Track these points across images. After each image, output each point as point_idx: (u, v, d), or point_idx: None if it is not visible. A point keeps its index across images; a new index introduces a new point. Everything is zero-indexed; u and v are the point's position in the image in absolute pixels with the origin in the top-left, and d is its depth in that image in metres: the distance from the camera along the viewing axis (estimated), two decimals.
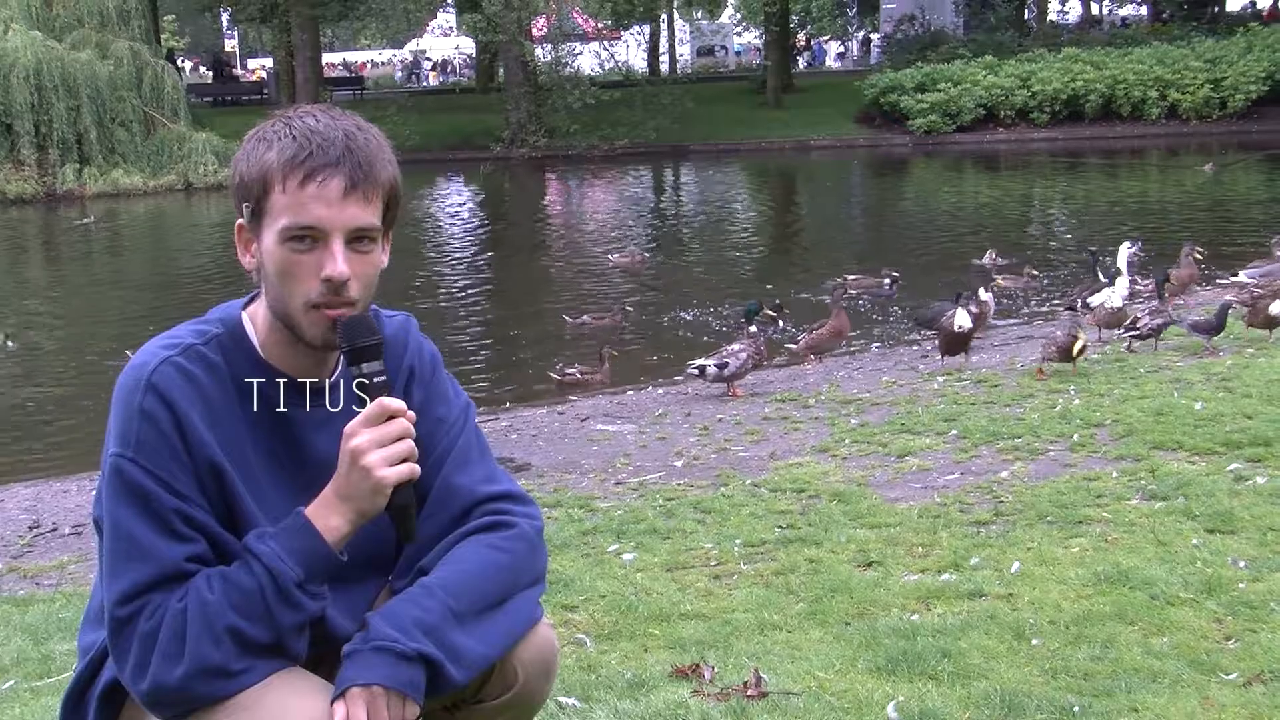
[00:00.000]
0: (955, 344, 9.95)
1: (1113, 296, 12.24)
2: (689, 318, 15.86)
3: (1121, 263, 12.86)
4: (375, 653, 2.38)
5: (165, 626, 2.36)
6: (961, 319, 9.47)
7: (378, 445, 2.43)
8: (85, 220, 28.96)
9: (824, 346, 12.59)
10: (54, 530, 7.94)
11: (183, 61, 64.57)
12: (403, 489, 2.47)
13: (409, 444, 2.46)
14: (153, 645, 2.36)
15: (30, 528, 8.06)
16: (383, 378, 2.50)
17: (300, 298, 2.44)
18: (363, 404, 2.49)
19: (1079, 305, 13.03)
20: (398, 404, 2.46)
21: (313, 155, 2.42)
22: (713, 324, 15.26)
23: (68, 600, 6.05)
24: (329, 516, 2.46)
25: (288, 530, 2.45)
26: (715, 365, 10.78)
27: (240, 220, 2.52)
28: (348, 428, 2.46)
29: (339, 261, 2.42)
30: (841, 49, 73.38)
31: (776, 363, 12.80)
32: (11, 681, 4.94)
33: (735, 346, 11.01)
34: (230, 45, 78.30)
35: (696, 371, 10.96)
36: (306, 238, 2.42)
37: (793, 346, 12.74)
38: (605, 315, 15.67)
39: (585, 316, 15.71)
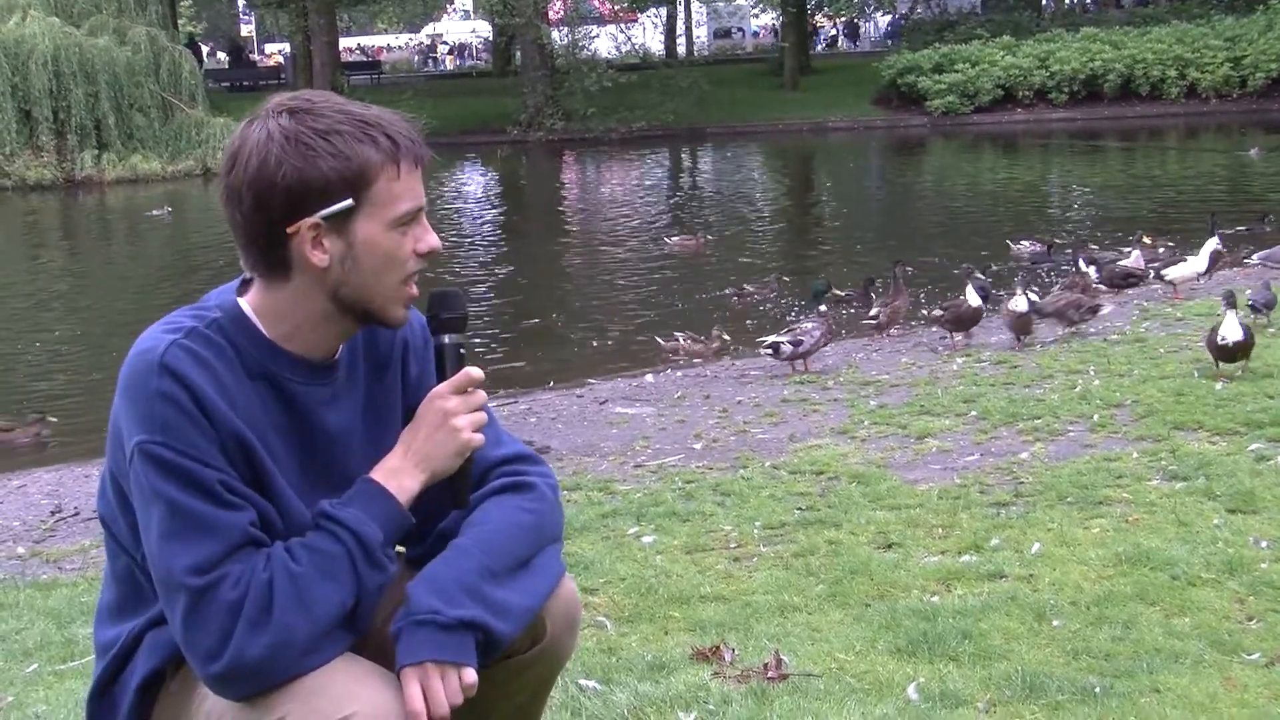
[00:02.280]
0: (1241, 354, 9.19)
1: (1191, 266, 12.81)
2: (735, 299, 15.85)
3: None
4: (418, 627, 2.41)
5: (251, 596, 2.34)
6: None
7: (468, 409, 2.56)
8: (159, 211, 28.14)
9: (899, 319, 12.90)
10: (75, 514, 7.98)
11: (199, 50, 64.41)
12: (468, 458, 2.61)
13: (485, 415, 2.59)
14: (238, 614, 2.33)
15: (52, 512, 8.10)
16: (463, 351, 2.63)
17: (399, 275, 2.52)
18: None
19: (1153, 277, 13.33)
20: (479, 375, 2.58)
21: (414, 141, 2.53)
22: (764, 306, 15.23)
23: (90, 585, 6.08)
24: (401, 478, 2.53)
25: (362, 495, 2.50)
26: (789, 343, 10.80)
27: (310, 220, 2.46)
28: (435, 390, 2.57)
29: (433, 234, 2.56)
30: (833, 31, 72.81)
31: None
32: (35, 665, 4.97)
33: (809, 325, 11.05)
34: (246, 30, 78.33)
35: (770, 350, 10.96)
36: (409, 220, 2.52)
37: (871, 321, 12.82)
38: (766, 285, 15.71)
39: (747, 285, 15.74)
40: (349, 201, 2.46)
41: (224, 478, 2.41)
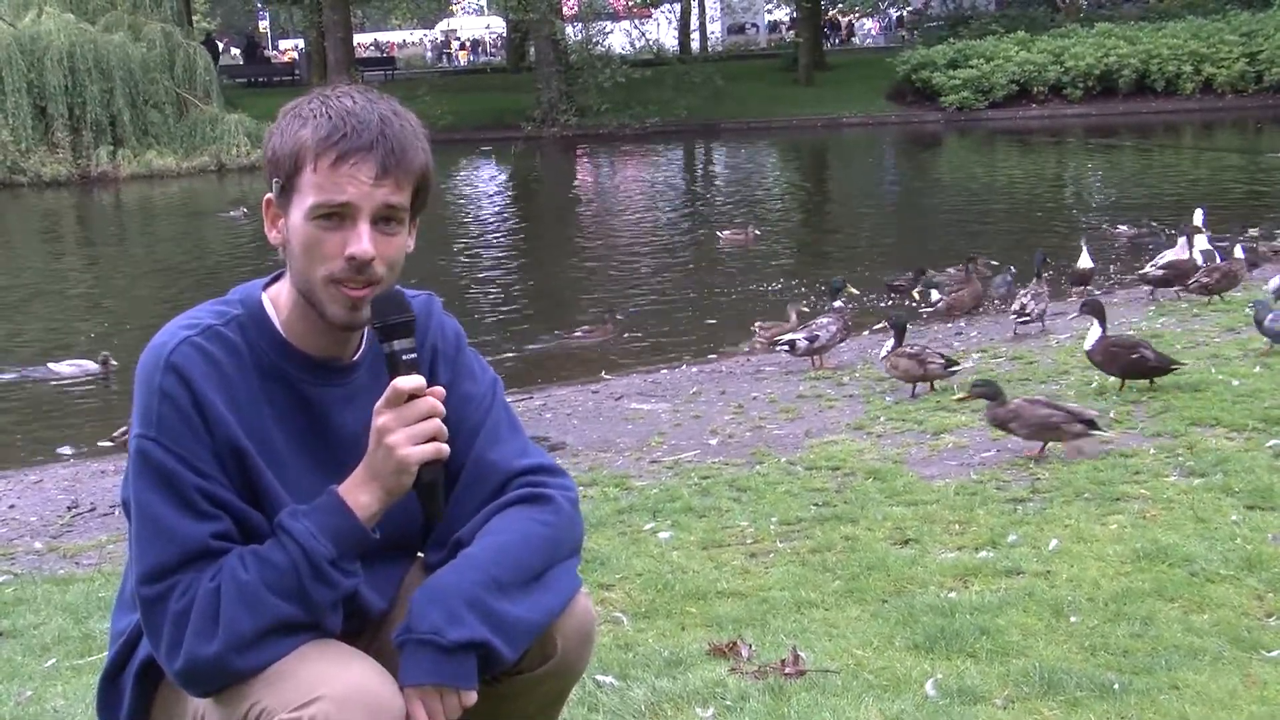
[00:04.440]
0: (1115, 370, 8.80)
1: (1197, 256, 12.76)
2: (771, 289, 15.84)
3: (1198, 223, 13.42)
4: (420, 647, 2.42)
5: (197, 606, 2.38)
6: None
7: (402, 425, 2.45)
8: (235, 213, 26.74)
9: (963, 307, 13.01)
10: (92, 510, 8.00)
11: (216, 46, 64.23)
12: (429, 468, 2.49)
13: (436, 423, 2.48)
14: (185, 624, 2.38)
15: (69, 508, 8.11)
16: (412, 355, 2.50)
17: (322, 273, 2.46)
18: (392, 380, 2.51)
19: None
20: (414, 383, 2.47)
21: (347, 137, 2.43)
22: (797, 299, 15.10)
23: (107, 579, 6.09)
24: (359, 494, 2.48)
25: (320, 508, 2.47)
26: (805, 339, 10.79)
27: (269, 195, 2.53)
28: (375, 407, 2.48)
29: (364, 240, 2.43)
30: (826, 32, 72.53)
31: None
32: (53, 660, 4.98)
33: (824, 320, 11.03)
34: (263, 26, 78.36)
35: (785, 346, 10.96)
36: (335, 215, 2.44)
37: (929, 310, 13.02)
38: (964, 281, 14.44)
39: (950, 270, 15.08)
40: (279, 181, 2.49)
41: (205, 485, 2.43)
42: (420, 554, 2.77)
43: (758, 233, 20.09)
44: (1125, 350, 8.59)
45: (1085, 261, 13.58)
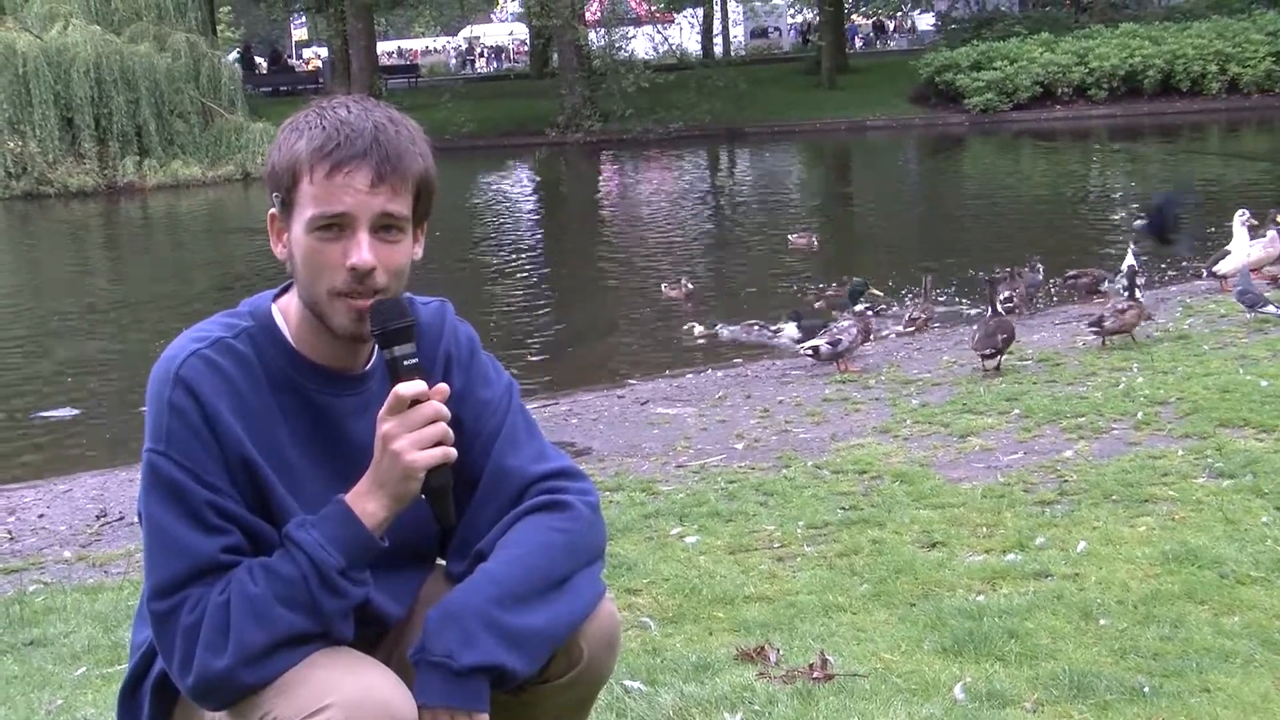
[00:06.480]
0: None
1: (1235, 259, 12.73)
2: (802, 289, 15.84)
3: (1237, 228, 13.18)
4: (432, 669, 2.42)
5: (207, 620, 2.37)
6: None
7: (406, 430, 2.43)
8: None
9: (1030, 306, 13.38)
10: (120, 519, 8.02)
11: (252, 55, 64.20)
12: (437, 472, 2.46)
13: (441, 427, 2.46)
14: (196, 638, 2.37)
15: (98, 516, 8.14)
16: (413, 360, 2.48)
17: (326, 285, 2.45)
18: None
19: (1205, 274, 13.51)
20: (416, 388, 2.44)
21: (340, 146, 2.42)
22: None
23: (135, 588, 6.10)
24: (366, 503, 2.46)
25: (328, 518, 2.45)
26: (828, 343, 10.79)
27: (272, 210, 2.52)
28: (379, 415, 2.46)
29: (364, 250, 2.42)
30: (874, 33, 72.84)
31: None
32: (83, 668, 5.00)
33: (845, 323, 11.03)
34: (299, 34, 78.53)
35: (810, 352, 10.96)
36: (333, 226, 2.43)
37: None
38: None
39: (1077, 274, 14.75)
40: (279, 195, 2.49)
41: (214, 499, 2.42)
42: (440, 560, 2.75)
43: (815, 246, 19.59)
44: (975, 332, 10.23)
45: (1129, 261, 13.51)
